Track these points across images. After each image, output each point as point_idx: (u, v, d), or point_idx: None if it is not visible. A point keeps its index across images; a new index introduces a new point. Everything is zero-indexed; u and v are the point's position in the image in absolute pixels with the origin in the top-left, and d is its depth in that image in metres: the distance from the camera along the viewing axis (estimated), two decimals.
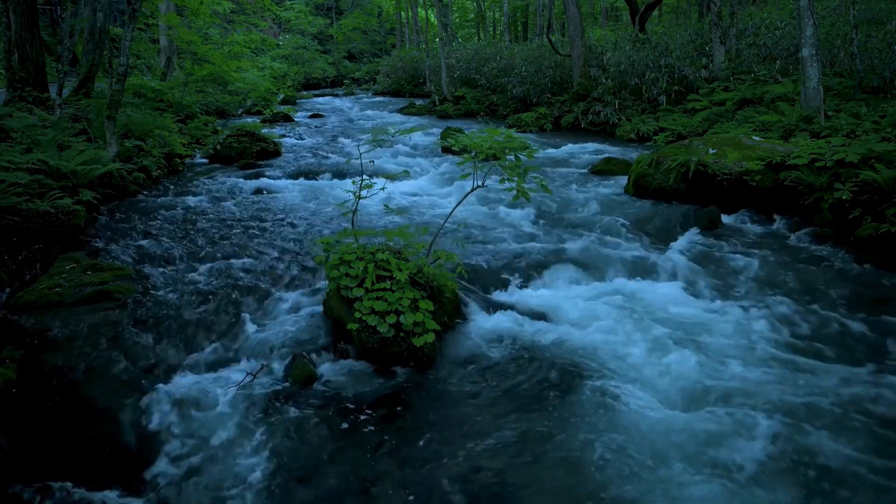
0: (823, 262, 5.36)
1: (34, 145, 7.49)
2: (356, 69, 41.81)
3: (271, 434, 3.20)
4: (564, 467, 2.91)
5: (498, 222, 6.82)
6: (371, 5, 45.71)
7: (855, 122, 7.97)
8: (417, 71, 27.72)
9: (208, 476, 2.93)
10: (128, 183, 8.17)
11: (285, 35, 42.71)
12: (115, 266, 5.20)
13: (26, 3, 10.83)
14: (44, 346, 3.95)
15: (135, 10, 8.70)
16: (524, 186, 4.34)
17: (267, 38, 35.44)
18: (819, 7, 12.55)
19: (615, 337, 4.12)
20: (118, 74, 8.63)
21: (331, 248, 4.32)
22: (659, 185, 7.41)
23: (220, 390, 3.56)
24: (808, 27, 8.50)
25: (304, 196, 8.25)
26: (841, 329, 4.18)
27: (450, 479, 2.87)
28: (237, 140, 11.16)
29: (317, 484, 2.86)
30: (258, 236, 6.33)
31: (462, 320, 4.43)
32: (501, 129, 4.66)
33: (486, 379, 3.72)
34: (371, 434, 3.23)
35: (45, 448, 3.10)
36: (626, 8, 20.44)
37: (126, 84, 10.34)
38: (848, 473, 2.81)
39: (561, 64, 16.63)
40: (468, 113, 18.46)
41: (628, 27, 19.59)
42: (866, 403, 3.32)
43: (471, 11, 38.02)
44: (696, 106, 11.88)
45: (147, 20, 21.23)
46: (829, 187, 6.14)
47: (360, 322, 3.81)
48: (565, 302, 4.70)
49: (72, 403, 3.42)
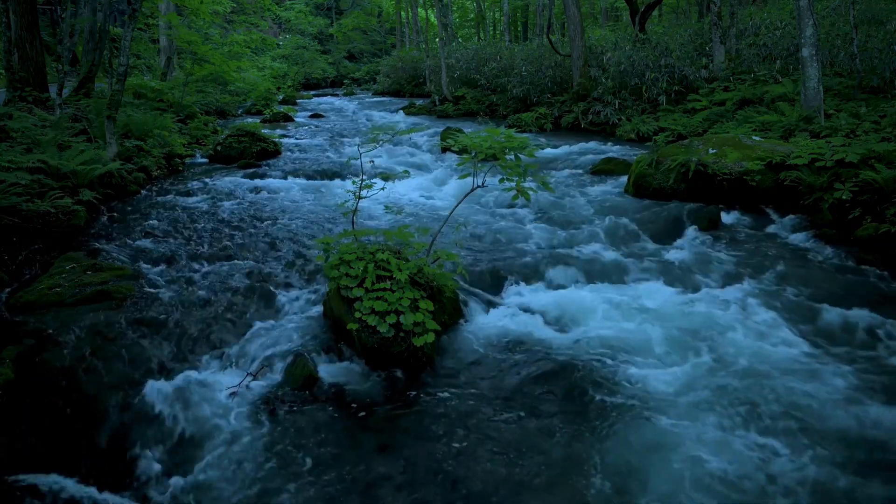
0: (823, 262, 5.36)
1: (34, 145, 7.48)
2: (356, 69, 41.81)
3: (271, 434, 3.20)
4: (565, 468, 2.91)
5: (498, 222, 6.82)
6: (371, 5, 45.72)
7: (855, 122, 7.97)
8: (417, 71, 27.72)
9: (208, 476, 2.93)
10: (128, 183, 8.17)
11: (285, 35, 42.72)
12: (115, 266, 5.20)
13: (26, 3, 10.82)
14: (43, 346, 3.94)
15: (135, 10, 8.70)
16: (524, 186, 4.34)
17: (267, 38, 35.41)
18: (819, 7, 12.55)
19: (616, 337, 4.12)
20: (118, 74, 8.63)
21: (331, 248, 4.32)
22: (659, 185, 7.41)
23: (220, 390, 3.55)
24: (808, 27, 8.50)
25: (304, 196, 8.25)
26: (841, 328, 4.17)
27: (450, 479, 2.87)
28: (237, 140, 11.16)
29: (317, 484, 2.86)
30: (258, 236, 6.33)
31: (462, 320, 4.43)
32: (501, 128, 4.66)
33: (486, 379, 3.72)
34: (371, 434, 3.22)
35: (45, 448, 3.10)
36: (626, 8, 20.44)
37: (126, 84, 10.35)
38: (848, 472, 2.81)
39: (561, 64, 16.62)
40: (468, 113, 18.45)
41: (628, 27, 19.58)
42: (866, 402, 3.32)
43: (471, 11, 38.01)
44: (696, 106, 11.88)
45: (147, 20, 21.23)
46: (829, 187, 6.14)
47: (360, 322, 3.80)
48: (565, 302, 4.69)
49: (71, 403, 3.42)
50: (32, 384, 3.56)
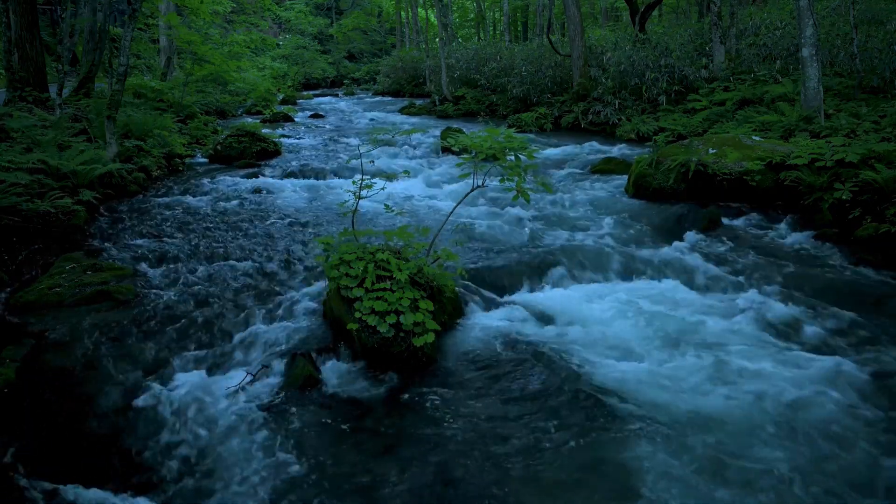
0: (823, 262, 5.36)
1: (34, 145, 7.49)
2: (356, 69, 41.82)
3: (271, 434, 3.20)
4: (565, 468, 2.91)
5: (498, 222, 6.81)
6: (371, 5, 45.73)
7: (855, 122, 7.97)
8: (417, 71, 27.73)
9: (208, 476, 2.93)
10: (128, 183, 8.17)
11: (285, 35, 42.73)
12: (115, 266, 5.20)
13: (26, 3, 10.83)
14: (44, 347, 3.95)
15: (135, 10, 8.70)
16: (524, 186, 4.34)
17: (267, 38, 35.46)
18: (819, 7, 12.55)
19: (616, 337, 4.12)
20: (118, 74, 8.63)
21: (331, 248, 4.32)
22: (659, 185, 7.41)
23: (220, 390, 3.55)
24: (808, 27, 8.50)
25: (304, 196, 8.25)
26: (841, 328, 4.17)
27: (450, 479, 2.87)
28: (237, 140, 11.16)
29: (317, 484, 2.86)
30: (258, 236, 6.33)
31: (462, 320, 4.43)
32: (501, 128, 4.66)
33: (486, 379, 3.72)
34: (371, 434, 3.22)
35: (45, 448, 3.10)
36: (626, 8, 20.44)
37: (126, 84, 10.35)
38: (847, 468, 2.81)
39: (561, 64, 16.62)
40: (468, 113, 18.46)
41: (628, 27, 19.58)
42: (866, 401, 3.32)
43: (471, 11, 38.03)
44: (696, 106, 11.88)
45: (147, 20, 21.23)
46: (829, 187, 6.14)
47: (360, 322, 3.80)
48: (565, 301, 4.70)
49: (71, 403, 3.42)
50: (32, 384, 3.56)
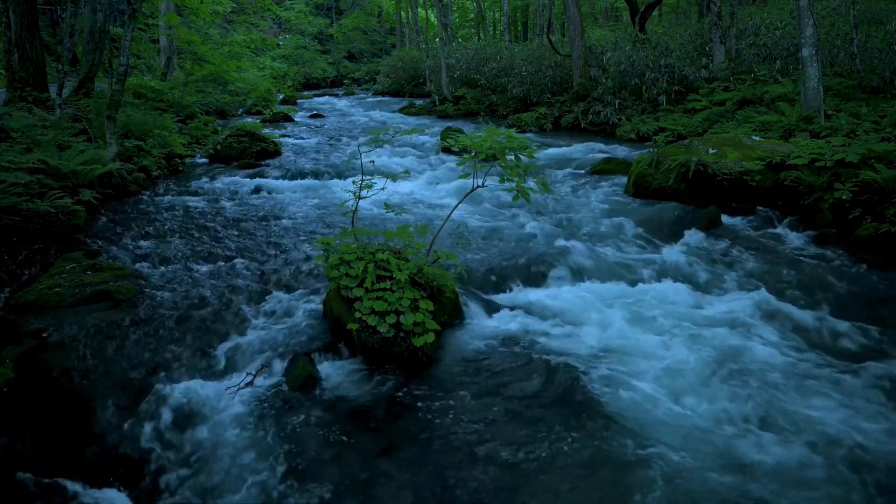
0: (823, 262, 5.36)
1: (34, 145, 7.49)
2: (356, 69, 41.81)
3: (271, 434, 3.20)
4: (565, 468, 2.91)
5: (498, 222, 6.82)
6: (371, 5, 45.72)
7: (855, 122, 7.97)
8: (417, 71, 27.71)
9: (208, 476, 2.93)
10: (128, 183, 8.17)
11: (285, 35, 42.73)
12: (115, 266, 5.20)
13: (26, 3, 10.83)
14: (43, 347, 3.95)
15: (135, 10, 8.70)
16: (524, 186, 4.34)
17: (267, 38, 35.46)
18: (819, 7, 12.55)
19: (616, 337, 4.12)
20: (118, 74, 8.63)
21: (331, 248, 4.32)
22: (659, 185, 7.41)
23: (220, 390, 3.55)
24: (808, 27, 8.50)
25: (304, 196, 8.25)
26: (841, 328, 4.17)
27: (450, 479, 2.87)
28: (237, 140, 11.16)
29: (317, 484, 2.86)
30: (258, 236, 6.33)
31: (462, 320, 4.43)
32: (501, 129, 4.66)
33: (486, 379, 3.72)
34: (371, 434, 3.22)
35: (45, 448, 3.10)
36: (626, 8, 20.44)
37: (126, 84, 10.35)
38: (846, 468, 2.82)
39: (561, 64, 16.62)
40: (468, 113, 18.45)
41: (628, 27, 19.58)
42: (865, 400, 3.32)
43: (471, 11, 38.02)
44: (696, 106, 11.87)
45: (147, 20, 21.24)
46: (829, 187, 6.13)
47: (360, 322, 3.80)
48: (565, 302, 4.69)
49: (71, 403, 3.42)
50: (32, 384, 3.56)
